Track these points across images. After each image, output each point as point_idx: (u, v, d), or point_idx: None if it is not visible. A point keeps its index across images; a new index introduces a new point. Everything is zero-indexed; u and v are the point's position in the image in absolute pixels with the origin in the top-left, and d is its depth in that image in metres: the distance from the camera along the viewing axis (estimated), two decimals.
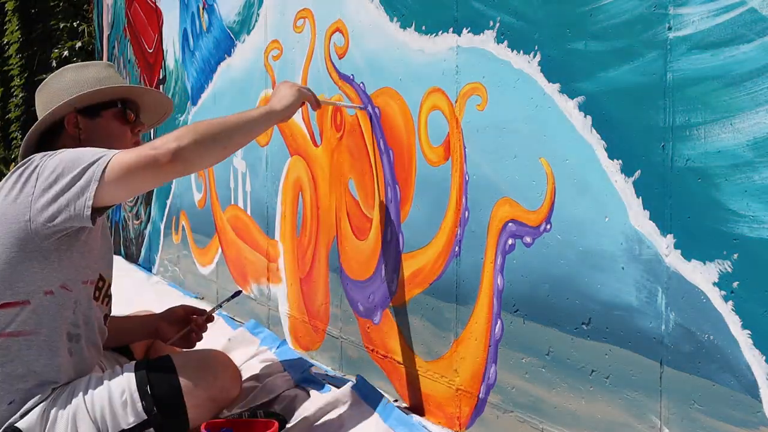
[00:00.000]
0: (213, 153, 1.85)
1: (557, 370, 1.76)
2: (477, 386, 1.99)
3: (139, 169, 1.76)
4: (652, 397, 1.53)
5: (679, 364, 1.48)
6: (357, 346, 2.52)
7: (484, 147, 1.93)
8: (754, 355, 1.34)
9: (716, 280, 1.40)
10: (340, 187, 2.57)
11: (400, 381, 2.31)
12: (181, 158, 1.76)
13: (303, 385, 2.42)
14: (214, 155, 1.87)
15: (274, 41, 3.02)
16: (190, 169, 1.86)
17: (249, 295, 3.33)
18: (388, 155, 2.31)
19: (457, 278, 2.05)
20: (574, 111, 1.67)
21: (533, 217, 1.79)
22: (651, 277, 1.52)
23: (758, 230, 1.32)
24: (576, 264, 1.68)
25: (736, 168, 1.35)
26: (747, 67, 1.33)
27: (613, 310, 1.61)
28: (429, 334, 2.17)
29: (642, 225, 1.53)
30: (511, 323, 1.87)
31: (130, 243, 5.27)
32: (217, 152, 1.86)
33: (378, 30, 2.34)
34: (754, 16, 1.31)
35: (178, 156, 1.75)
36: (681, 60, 1.44)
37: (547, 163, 1.75)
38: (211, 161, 1.91)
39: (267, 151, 3.13)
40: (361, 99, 2.43)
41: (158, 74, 4.53)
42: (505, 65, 1.85)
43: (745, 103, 1.33)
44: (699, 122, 1.41)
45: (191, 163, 1.80)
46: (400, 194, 2.26)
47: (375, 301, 2.41)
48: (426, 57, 2.13)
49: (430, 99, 2.12)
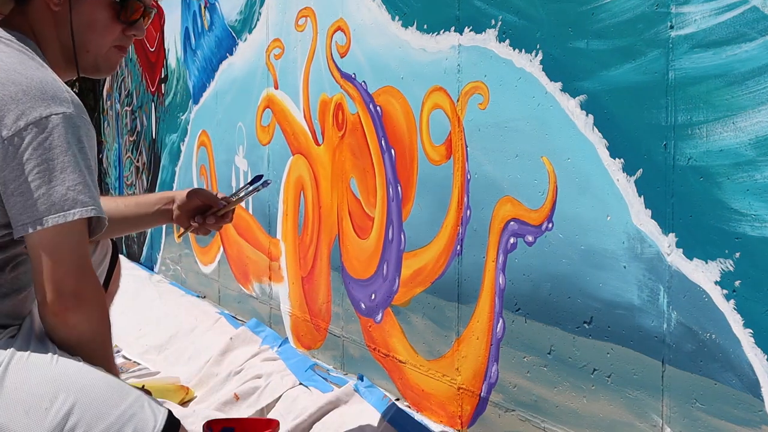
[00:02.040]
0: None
1: (559, 369, 1.76)
2: (479, 385, 1.99)
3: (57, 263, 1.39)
4: (653, 395, 1.53)
5: (680, 363, 1.48)
6: (359, 344, 2.52)
7: (486, 146, 1.93)
8: (755, 354, 1.34)
9: (718, 279, 1.40)
10: (341, 186, 2.57)
11: (401, 380, 2.31)
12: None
13: (305, 384, 2.42)
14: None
15: (275, 40, 3.02)
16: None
17: (251, 294, 3.33)
18: (390, 154, 2.30)
19: (459, 277, 2.05)
20: (575, 110, 1.67)
21: (535, 216, 1.79)
22: (653, 276, 1.52)
23: (760, 229, 1.32)
24: (578, 263, 1.68)
25: (738, 167, 1.35)
26: (749, 66, 1.33)
27: (614, 308, 1.61)
28: (430, 332, 2.17)
29: (644, 224, 1.53)
30: (513, 322, 1.87)
31: (132, 242, 5.27)
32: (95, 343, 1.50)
33: (380, 29, 2.34)
34: (755, 14, 1.31)
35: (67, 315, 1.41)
36: (683, 59, 1.44)
37: (548, 162, 1.75)
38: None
39: (269, 150, 3.13)
40: (364, 99, 2.42)
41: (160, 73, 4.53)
42: (507, 64, 1.84)
43: (747, 102, 1.33)
44: (701, 121, 1.41)
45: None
46: (401, 193, 2.26)
47: (376, 299, 2.41)
48: (428, 56, 2.13)
49: (431, 98, 2.12)
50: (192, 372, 2.82)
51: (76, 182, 1.37)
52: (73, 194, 1.37)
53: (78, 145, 1.38)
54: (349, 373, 2.57)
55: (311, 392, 2.36)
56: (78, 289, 1.40)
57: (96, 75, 1.63)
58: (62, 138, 1.36)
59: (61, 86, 1.41)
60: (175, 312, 3.49)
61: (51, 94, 1.38)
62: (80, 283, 1.40)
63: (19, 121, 1.34)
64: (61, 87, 1.41)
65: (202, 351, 2.96)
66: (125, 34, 1.60)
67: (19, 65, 1.40)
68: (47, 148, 1.36)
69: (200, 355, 2.94)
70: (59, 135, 1.36)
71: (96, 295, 1.44)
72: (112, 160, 5.74)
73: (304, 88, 2.80)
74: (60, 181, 1.36)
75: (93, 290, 1.43)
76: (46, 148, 1.36)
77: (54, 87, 1.39)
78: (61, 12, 1.53)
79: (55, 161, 1.36)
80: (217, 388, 2.63)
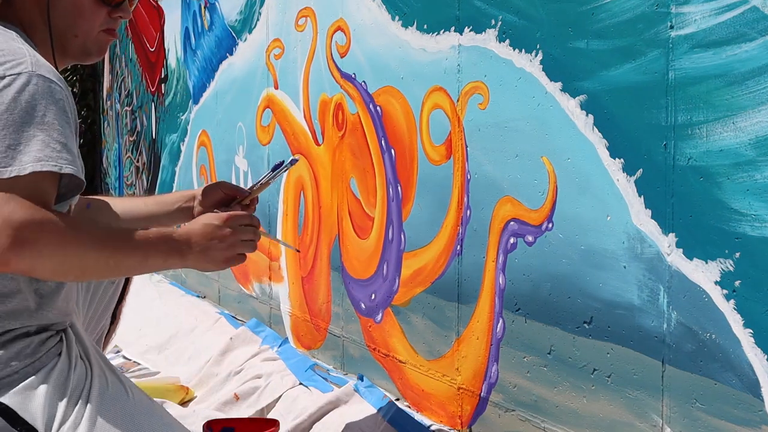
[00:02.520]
0: (65, 271, 1.41)
1: (559, 369, 1.76)
2: (479, 385, 1.99)
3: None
4: (653, 395, 1.53)
5: (680, 363, 1.48)
6: (359, 344, 2.52)
7: (486, 146, 1.93)
8: (755, 354, 1.34)
9: (718, 279, 1.40)
10: (341, 186, 2.57)
11: (401, 380, 2.31)
12: (20, 267, 1.33)
13: (305, 384, 2.42)
14: (64, 274, 1.43)
15: (275, 40, 3.02)
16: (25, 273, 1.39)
17: (251, 294, 3.33)
18: (390, 154, 2.30)
19: (459, 277, 2.05)
20: (575, 110, 1.67)
21: (535, 216, 1.79)
22: (653, 275, 1.52)
23: (760, 229, 1.32)
24: (578, 263, 1.68)
25: (738, 167, 1.35)
26: (749, 66, 1.33)
27: (614, 308, 1.61)
28: (431, 332, 2.17)
29: (644, 224, 1.53)
30: (513, 322, 1.87)
31: None
32: (72, 275, 1.45)
33: (380, 29, 2.34)
34: (755, 14, 1.31)
35: (17, 263, 1.32)
36: (683, 59, 1.44)
37: (548, 162, 1.75)
38: (55, 277, 1.48)
39: (269, 150, 3.13)
40: (364, 99, 2.42)
41: (160, 73, 4.53)
42: (507, 64, 1.84)
43: (747, 102, 1.33)
44: (701, 121, 1.41)
45: (31, 273, 1.37)
46: (401, 193, 2.26)
47: (376, 299, 2.41)
48: (428, 56, 2.13)
49: (431, 98, 2.12)
50: (192, 372, 2.82)
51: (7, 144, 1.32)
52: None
53: (30, 103, 1.35)
54: (349, 373, 2.57)
55: (311, 392, 2.36)
56: (11, 239, 1.29)
57: (86, 60, 1.63)
58: (10, 97, 1.33)
59: (25, 51, 1.40)
60: (175, 312, 3.49)
61: (10, 57, 1.37)
62: (11, 234, 1.29)
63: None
64: (24, 52, 1.40)
65: (202, 351, 2.96)
66: (111, 17, 1.59)
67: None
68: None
69: (200, 355, 2.94)
70: (8, 94, 1.33)
71: (37, 234, 1.31)
72: (112, 160, 5.74)
73: (304, 88, 2.80)
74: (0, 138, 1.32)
75: (30, 229, 1.31)
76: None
77: (16, 52, 1.38)
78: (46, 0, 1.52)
79: (4, 118, 1.32)
80: (217, 388, 2.63)
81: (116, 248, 1.42)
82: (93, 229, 1.43)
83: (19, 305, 1.41)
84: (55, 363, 1.43)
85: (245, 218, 1.58)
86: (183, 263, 1.51)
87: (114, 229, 1.49)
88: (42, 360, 1.42)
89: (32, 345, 1.41)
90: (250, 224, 1.58)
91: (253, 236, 1.57)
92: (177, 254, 1.49)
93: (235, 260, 1.56)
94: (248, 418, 2.32)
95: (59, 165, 1.35)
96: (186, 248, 1.50)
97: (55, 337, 1.46)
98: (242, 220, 1.57)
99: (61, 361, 1.44)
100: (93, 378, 1.46)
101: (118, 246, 1.42)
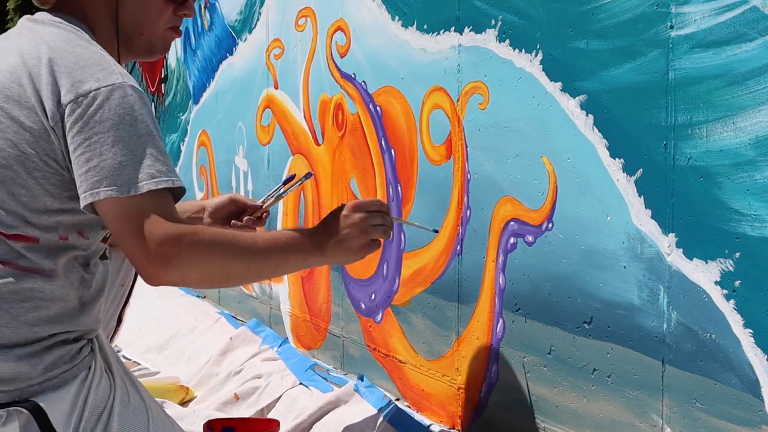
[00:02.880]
0: (213, 283, 1.49)
1: (559, 369, 1.76)
2: (479, 385, 1.99)
3: (129, 236, 1.35)
4: (653, 395, 1.53)
5: (680, 363, 1.48)
6: (359, 344, 2.52)
7: (486, 146, 1.93)
8: (755, 354, 1.34)
9: (718, 279, 1.40)
10: (341, 186, 2.57)
11: (401, 380, 2.31)
12: (170, 280, 1.39)
13: (305, 384, 2.42)
14: (211, 284, 1.50)
15: (275, 40, 3.02)
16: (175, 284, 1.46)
17: (251, 294, 3.33)
18: (390, 154, 2.30)
19: (459, 277, 2.05)
20: (575, 110, 1.67)
21: (535, 216, 1.79)
22: (653, 275, 1.52)
23: (760, 229, 1.32)
24: (578, 263, 1.68)
25: (738, 167, 1.35)
26: (749, 66, 1.33)
27: (614, 308, 1.61)
28: (430, 333, 2.17)
29: (644, 224, 1.53)
30: (513, 322, 1.87)
31: None
32: (217, 282, 1.51)
33: (380, 29, 2.34)
34: (755, 14, 1.31)
35: (167, 276, 1.37)
36: (683, 59, 1.43)
37: (548, 162, 1.75)
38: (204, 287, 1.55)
39: (268, 149, 3.13)
40: (363, 99, 2.43)
41: (160, 73, 4.53)
42: (507, 64, 1.84)
43: (747, 102, 1.33)
44: (701, 121, 1.41)
45: (181, 284, 1.47)
46: (401, 193, 2.26)
47: (377, 299, 2.41)
48: (428, 56, 2.13)
49: (431, 98, 2.12)
50: (192, 372, 2.82)
51: (126, 156, 1.34)
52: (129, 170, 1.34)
53: (133, 113, 1.36)
54: (349, 373, 2.57)
55: (311, 392, 2.36)
56: (156, 256, 1.34)
57: (149, 57, 1.63)
58: (113, 110, 1.35)
59: (109, 59, 1.42)
60: (175, 312, 3.49)
61: (99, 67, 1.38)
62: (155, 250, 1.33)
63: (70, 94, 1.35)
64: (109, 60, 1.41)
65: (202, 351, 2.96)
66: (176, 14, 1.60)
67: (66, 44, 1.41)
68: (98, 121, 1.34)
69: (200, 355, 2.94)
70: (110, 107, 1.35)
71: (181, 248, 1.35)
72: None
73: (304, 88, 2.80)
74: (112, 155, 1.34)
75: (173, 245, 1.34)
76: (96, 121, 1.34)
77: (102, 60, 1.40)
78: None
79: (105, 134, 1.34)
80: (217, 388, 2.63)
81: (255, 253, 1.44)
82: (228, 236, 1.44)
83: (62, 310, 1.43)
84: (86, 374, 1.45)
85: (373, 204, 1.58)
86: (322, 258, 1.53)
87: (247, 234, 1.49)
88: (79, 367, 1.44)
89: (71, 353, 1.43)
90: (379, 210, 1.57)
91: (382, 221, 1.56)
92: (316, 250, 1.51)
93: (370, 246, 1.56)
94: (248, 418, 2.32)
95: (171, 179, 1.37)
96: (323, 242, 1.52)
97: (88, 347, 1.48)
98: (370, 206, 1.57)
99: (91, 373, 1.46)
100: (116, 390, 1.49)
101: (257, 250, 1.44)
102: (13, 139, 1.37)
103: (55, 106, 1.36)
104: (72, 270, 1.43)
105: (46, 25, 1.47)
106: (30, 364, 1.38)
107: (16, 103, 1.37)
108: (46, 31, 1.45)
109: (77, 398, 1.42)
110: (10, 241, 1.37)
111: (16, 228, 1.37)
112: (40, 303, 1.39)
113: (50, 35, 1.44)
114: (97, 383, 1.46)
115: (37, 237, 1.39)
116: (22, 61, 1.40)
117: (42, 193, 1.38)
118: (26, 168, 1.37)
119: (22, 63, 1.39)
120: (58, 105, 1.36)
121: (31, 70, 1.38)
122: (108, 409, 1.46)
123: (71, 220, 1.42)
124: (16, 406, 1.37)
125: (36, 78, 1.37)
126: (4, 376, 1.36)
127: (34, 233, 1.39)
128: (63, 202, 1.40)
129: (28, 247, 1.38)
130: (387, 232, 1.57)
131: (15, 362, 1.37)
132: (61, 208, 1.40)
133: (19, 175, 1.37)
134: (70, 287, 1.44)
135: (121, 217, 1.35)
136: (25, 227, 1.38)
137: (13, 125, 1.37)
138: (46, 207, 1.39)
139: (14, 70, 1.39)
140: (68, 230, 1.42)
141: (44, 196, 1.39)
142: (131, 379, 1.56)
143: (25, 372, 1.37)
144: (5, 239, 1.37)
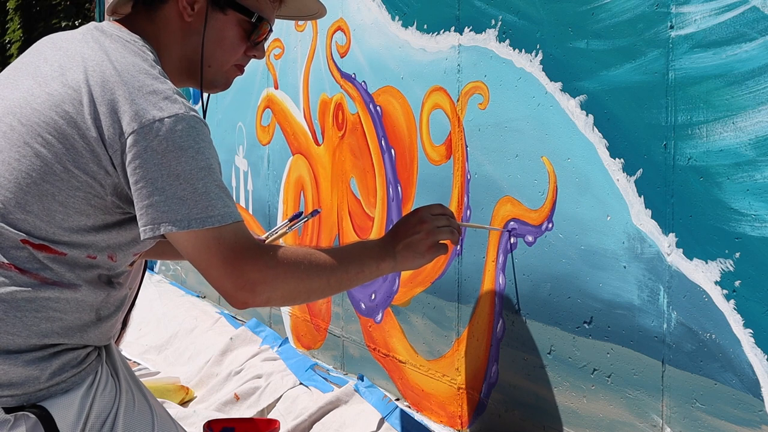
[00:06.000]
0: (295, 300, 1.50)
1: (559, 369, 1.76)
2: (479, 385, 1.99)
3: (212, 266, 1.36)
4: (653, 395, 1.53)
5: (680, 363, 1.48)
6: (358, 344, 2.52)
7: (486, 146, 1.93)
8: (755, 354, 1.34)
9: (718, 279, 1.40)
10: (341, 186, 2.57)
11: (401, 380, 2.31)
12: (257, 303, 1.40)
13: (305, 384, 2.42)
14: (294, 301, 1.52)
15: (275, 40, 3.02)
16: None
17: None
18: (390, 154, 2.31)
19: (459, 277, 2.05)
20: (575, 110, 1.67)
21: (535, 216, 1.79)
22: (653, 275, 1.52)
23: (760, 229, 1.32)
24: (578, 263, 1.68)
25: (738, 167, 1.35)
26: (749, 66, 1.33)
27: (614, 308, 1.61)
28: (430, 333, 2.17)
29: (644, 224, 1.53)
30: (513, 322, 1.87)
31: None
32: (300, 300, 1.51)
33: (380, 29, 2.34)
34: (755, 14, 1.31)
35: (254, 301, 1.39)
36: (683, 59, 1.44)
37: (548, 162, 1.75)
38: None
39: (269, 149, 3.13)
40: (364, 99, 2.43)
41: None
42: (507, 64, 1.84)
43: (747, 102, 1.33)
44: (701, 121, 1.41)
45: (266, 306, 1.46)
46: (401, 193, 2.26)
47: (377, 300, 2.41)
48: (428, 56, 2.13)
49: (431, 98, 2.12)
50: (192, 372, 2.82)
51: (190, 191, 1.33)
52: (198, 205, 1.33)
53: (196, 146, 1.35)
54: (349, 373, 2.57)
55: (311, 392, 2.37)
56: (243, 283, 1.35)
57: (207, 90, 1.62)
58: (176, 143, 1.33)
59: (171, 87, 1.39)
60: (175, 312, 3.49)
61: (163, 95, 1.35)
62: (242, 278, 1.35)
63: (134, 123, 1.32)
64: (171, 87, 1.39)
65: (202, 351, 2.96)
66: (247, 54, 1.59)
67: (132, 67, 1.38)
68: (159, 153, 1.31)
69: (200, 355, 2.94)
70: (173, 140, 1.33)
71: (264, 272, 1.36)
72: None
73: (304, 88, 2.80)
74: (173, 188, 1.32)
75: (257, 270, 1.36)
76: (158, 153, 1.31)
77: (165, 88, 1.37)
78: (193, 24, 1.51)
79: (167, 167, 1.32)
80: (217, 388, 2.63)
81: (334, 267, 1.46)
82: (307, 254, 1.46)
83: (76, 323, 1.42)
84: (92, 379, 1.45)
85: (436, 207, 1.62)
86: (393, 264, 1.55)
87: (322, 250, 1.51)
88: (86, 372, 1.44)
89: (78, 358, 1.43)
90: (442, 213, 1.61)
91: (447, 223, 1.59)
92: (388, 256, 1.54)
93: (438, 248, 1.59)
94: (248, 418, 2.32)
95: (234, 214, 1.37)
96: (392, 248, 1.55)
97: (95, 352, 1.48)
98: (433, 210, 1.60)
99: (98, 378, 1.46)
100: (121, 395, 1.48)
101: (335, 265, 1.46)
102: (61, 156, 1.34)
103: (117, 135, 1.32)
104: (94, 286, 1.42)
105: (113, 41, 1.43)
106: (39, 368, 1.37)
107: (72, 121, 1.34)
108: (112, 48, 1.41)
109: (84, 403, 1.42)
110: (36, 251, 1.35)
111: (44, 240, 1.35)
112: (54, 314, 1.38)
113: (116, 53, 1.39)
114: (102, 388, 1.45)
115: (65, 252, 1.37)
116: (84, 78, 1.35)
117: (77, 212, 1.36)
118: (68, 186, 1.34)
119: (84, 80, 1.35)
120: (120, 134, 1.32)
121: (92, 89, 1.34)
122: (113, 413, 1.46)
123: (103, 243, 1.40)
124: (24, 410, 1.36)
125: (98, 100, 1.33)
126: (14, 381, 1.36)
127: (63, 249, 1.37)
128: (97, 225, 1.38)
129: (54, 258, 1.36)
130: (453, 234, 1.60)
131: (24, 367, 1.36)
132: (95, 229, 1.38)
133: (61, 192, 1.34)
134: (89, 302, 1.42)
135: (201, 248, 1.34)
136: (54, 243, 1.36)
137: (64, 142, 1.34)
138: (78, 227, 1.37)
139: (76, 86, 1.35)
140: (99, 252, 1.41)
141: (79, 216, 1.36)
142: (137, 384, 1.55)
143: (34, 376, 1.37)
144: (31, 248, 1.35)
